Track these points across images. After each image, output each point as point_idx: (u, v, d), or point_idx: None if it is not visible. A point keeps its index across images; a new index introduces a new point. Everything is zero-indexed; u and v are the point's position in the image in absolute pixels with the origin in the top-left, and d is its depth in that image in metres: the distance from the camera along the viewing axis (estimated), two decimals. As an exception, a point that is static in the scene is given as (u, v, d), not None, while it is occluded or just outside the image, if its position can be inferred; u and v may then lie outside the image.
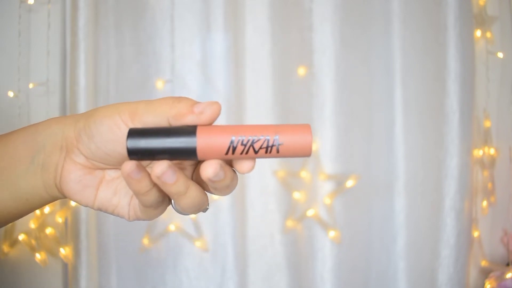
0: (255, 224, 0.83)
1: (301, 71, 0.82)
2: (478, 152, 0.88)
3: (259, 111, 0.83)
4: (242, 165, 0.27)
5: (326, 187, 0.82)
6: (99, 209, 0.31)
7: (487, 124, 0.89)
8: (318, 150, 0.82)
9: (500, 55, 0.89)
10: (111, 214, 0.31)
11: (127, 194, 0.31)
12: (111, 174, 0.31)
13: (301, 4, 0.82)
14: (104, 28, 0.80)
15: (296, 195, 0.82)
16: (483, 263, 0.90)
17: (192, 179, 0.31)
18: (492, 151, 0.89)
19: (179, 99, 0.28)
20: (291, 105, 0.83)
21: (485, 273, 0.89)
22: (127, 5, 0.81)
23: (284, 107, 0.83)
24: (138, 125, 0.28)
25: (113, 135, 0.28)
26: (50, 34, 0.81)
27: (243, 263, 0.83)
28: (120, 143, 0.28)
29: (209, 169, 0.26)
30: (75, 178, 0.30)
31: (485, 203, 0.89)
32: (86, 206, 0.31)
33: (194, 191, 0.28)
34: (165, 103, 0.27)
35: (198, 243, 0.82)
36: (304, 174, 0.82)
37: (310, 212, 0.82)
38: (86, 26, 0.77)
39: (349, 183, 0.82)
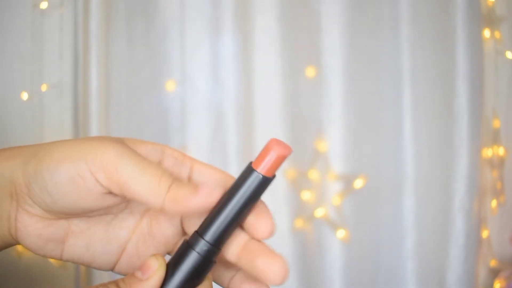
0: (265, 224, 0.84)
1: (310, 72, 0.83)
2: (487, 152, 0.88)
3: (268, 111, 0.84)
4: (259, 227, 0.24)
5: (335, 187, 0.82)
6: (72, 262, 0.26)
7: (496, 124, 0.89)
8: (327, 150, 0.82)
9: (509, 54, 0.89)
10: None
11: (105, 252, 0.25)
12: (79, 224, 0.25)
13: (309, 5, 0.83)
14: (115, 30, 0.82)
15: (305, 195, 0.83)
16: (492, 263, 0.90)
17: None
18: (501, 150, 0.89)
19: (179, 181, 0.22)
20: (300, 105, 0.84)
21: (494, 273, 0.88)
22: (138, 8, 0.82)
23: (293, 108, 0.84)
24: (115, 185, 0.22)
25: (74, 187, 0.22)
26: (62, 37, 0.82)
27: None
28: (80, 198, 0.22)
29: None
30: (34, 231, 0.23)
31: (494, 203, 0.89)
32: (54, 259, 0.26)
33: None
34: (163, 181, 0.22)
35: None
36: (313, 174, 0.83)
37: (319, 212, 0.82)
38: (98, 29, 0.78)
39: (358, 183, 0.82)
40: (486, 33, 0.88)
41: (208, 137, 0.82)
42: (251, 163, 0.24)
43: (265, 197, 0.25)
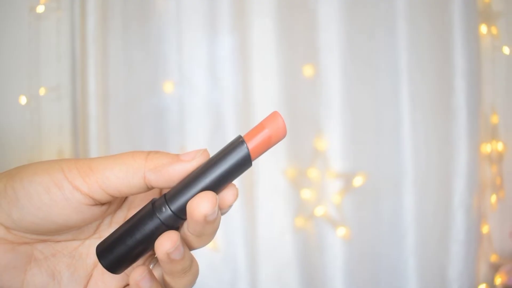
0: (265, 223, 0.84)
1: (308, 70, 0.83)
2: (486, 148, 0.88)
3: (266, 110, 0.84)
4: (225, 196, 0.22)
5: (334, 185, 0.83)
6: None
7: (494, 119, 0.89)
8: (326, 149, 0.82)
9: (506, 50, 0.89)
10: None
11: (73, 280, 0.23)
12: (43, 251, 0.23)
13: (306, 5, 0.83)
14: (112, 33, 0.82)
15: (305, 193, 0.83)
16: (493, 258, 0.90)
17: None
18: (500, 146, 0.89)
19: (155, 151, 0.22)
20: (298, 104, 0.84)
21: (494, 268, 0.89)
22: (134, 9, 0.82)
23: (292, 106, 0.84)
24: (94, 184, 0.21)
25: (48, 198, 0.21)
26: (59, 40, 0.82)
27: (254, 262, 0.83)
28: (56, 210, 0.21)
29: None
30: None
31: (494, 198, 0.89)
32: None
33: (197, 264, 0.23)
34: (137, 156, 0.22)
35: (209, 244, 0.82)
36: (312, 173, 0.83)
37: (319, 210, 0.83)
38: (95, 31, 0.78)
39: (358, 181, 0.82)
40: (483, 29, 0.88)
41: (207, 138, 0.82)
42: (240, 136, 0.22)
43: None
